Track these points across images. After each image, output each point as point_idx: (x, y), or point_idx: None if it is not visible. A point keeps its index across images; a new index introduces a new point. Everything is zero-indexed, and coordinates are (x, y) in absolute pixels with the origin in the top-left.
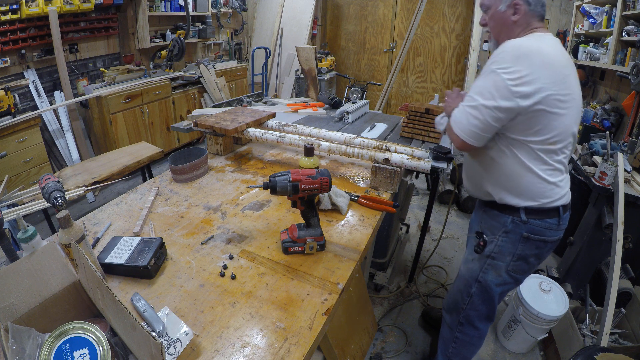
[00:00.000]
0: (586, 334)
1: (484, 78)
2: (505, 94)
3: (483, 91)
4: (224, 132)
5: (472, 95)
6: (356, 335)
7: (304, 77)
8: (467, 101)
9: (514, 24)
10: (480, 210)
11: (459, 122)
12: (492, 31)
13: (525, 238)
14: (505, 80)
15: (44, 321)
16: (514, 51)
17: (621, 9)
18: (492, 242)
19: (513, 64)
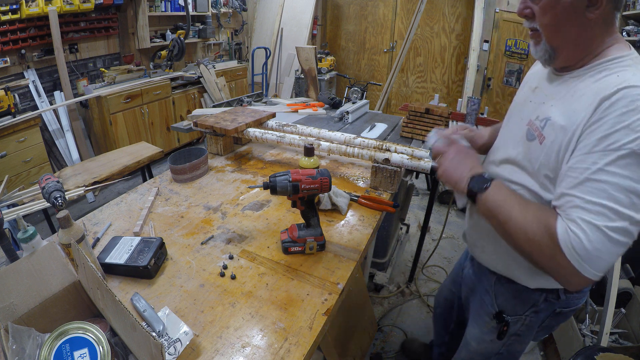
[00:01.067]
0: (586, 334)
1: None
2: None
3: (634, 196)
4: (224, 132)
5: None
6: (356, 335)
7: (304, 77)
8: (607, 219)
9: (589, 23)
10: (489, 278)
11: (598, 259)
12: (545, 30)
13: (557, 313)
14: None
15: (44, 321)
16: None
17: (621, 9)
18: (517, 321)
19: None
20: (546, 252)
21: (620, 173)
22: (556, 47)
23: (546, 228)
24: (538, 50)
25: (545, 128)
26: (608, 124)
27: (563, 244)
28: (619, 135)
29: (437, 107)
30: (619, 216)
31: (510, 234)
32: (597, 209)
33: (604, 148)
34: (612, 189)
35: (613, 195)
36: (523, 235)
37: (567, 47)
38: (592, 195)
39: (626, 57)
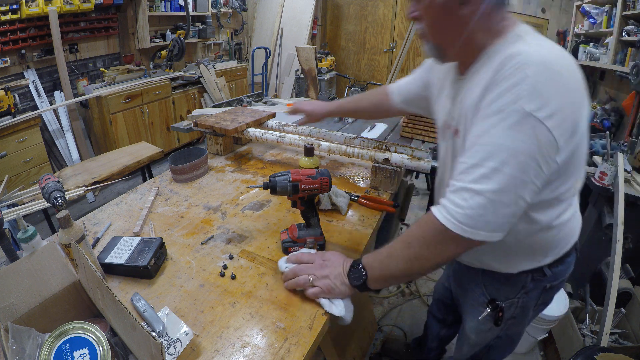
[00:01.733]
0: (586, 334)
1: (503, 128)
2: (551, 153)
3: (516, 157)
4: (224, 132)
5: (493, 169)
6: (356, 335)
7: (304, 77)
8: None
9: (460, 18)
10: (478, 271)
11: (486, 223)
12: (429, 30)
13: (548, 288)
14: (548, 132)
15: (44, 321)
16: (546, 73)
17: (621, 9)
18: (510, 305)
19: (552, 97)
20: (441, 243)
21: (499, 134)
22: (440, 45)
23: (428, 229)
24: (428, 50)
25: (457, 123)
26: (494, 92)
27: (446, 222)
28: (503, 99)
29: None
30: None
31: (410, 270)
32: (468, 169)
33: (488, 113)
34: (490, 149)
35: (488, 156)
36: (420, 258)
37: (451, 44)
38: (470, 157)
39: (511, 35)
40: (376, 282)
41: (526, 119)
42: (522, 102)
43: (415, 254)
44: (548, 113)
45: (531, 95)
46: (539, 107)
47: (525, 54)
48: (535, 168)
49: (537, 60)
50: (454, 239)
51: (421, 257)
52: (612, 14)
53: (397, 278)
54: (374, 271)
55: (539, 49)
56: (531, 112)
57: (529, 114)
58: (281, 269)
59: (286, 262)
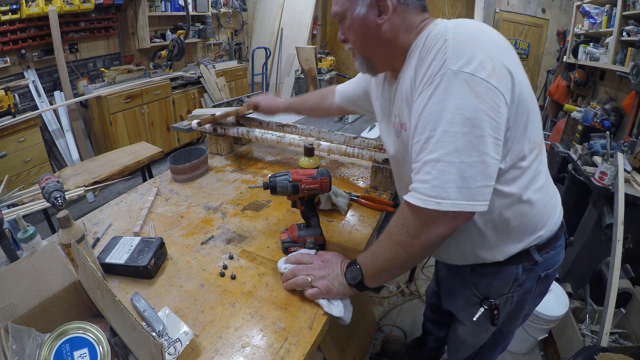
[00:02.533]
0: (586, 334)
1: (438, 94)
2: (495, 100)
3: (460, 113)
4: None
5: (443, 132)
6: (356, 335)
7: (304, 77)
8: (440, 147)
9: (380, 29)
10: (465, 270)
11: (459, 189)
12: (355, 47)
13: (543, 277)
14: (482, 81)
15: (44, 321)
16: (463, 32)
17: (621, 9)
18: (506, 302)
19: (474, 50)
20: (421, 225)
21: (432, 100)
22: (368, 57)
23: (404, 215)
24: (358, 65)
25: (402, 116)
26: (422, 68)
27: (418, 202)
28: (428, 72)
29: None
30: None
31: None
32: (421, 146)
33: (423, 88)
34: (434, 117)
35: (435, 123)
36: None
37: (377, 55)
38: (418, 135)
39: (426, 29)
40: (372, 278)
41: (457, 76)
42: (447, 64)
43: (398, 241)
44: (476, 65)
45: (454, 55)
46: (465, 63)
47: (440, 28)
48: (486, 120)
49: (452, 26)
50: (432, 217)
51: (404, 243)
52: (612, 14)
53: (390, 270)
54: (367, 268)
55: (453, 22)
56: (460, 70)
57: (457, 71)
58: (280, 269)
59: (285, 262)
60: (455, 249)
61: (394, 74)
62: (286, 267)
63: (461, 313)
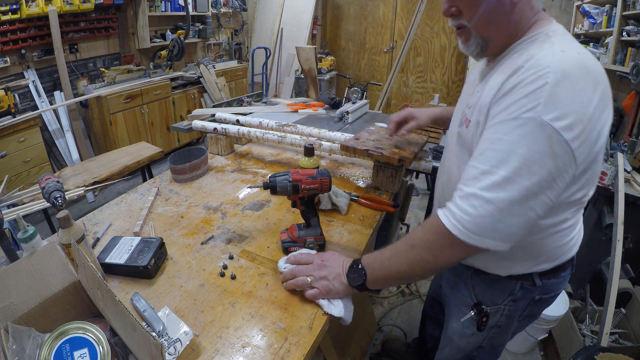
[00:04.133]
0: (586, 334)
1: (518, 136)
2: (567, 165)
3: (530, 167)
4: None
5: (505, 178)
6: (356, 335)
7: (304, 77)
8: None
9: (512, 9)
10: (466, 272)
11: (494, 231)
12: (475, 24)
13: (537, 300)
14: (565, 143)
15: (44, 321)
16: (565, 81)
17: (621, 9)
18: (496, 312)
19: (571, 106)
20: (445, 247)
21: (508, 139)
22: (487, 38)
23: (433, 232)
24: (469, 46)
25: (471, 113)
26: (511, 96)
27: (452, 229)
28: (519, 104)
29: (437, 107)
30: (503, 182)
31: (412, 273)
32: (479, 174)
33: (503, 118)
34: (502, 155)
35: (501, 162)
36: (421, 261)
37: (498, 35)
38: (481, 162)
39: (540, 33)
40: (375, 282)
41: (543, 128)
42: (539, 110)
43: (418, 256)
44: (566, 124)
45: (549, 104)
46: (557, 117)
47: (547, 59)
48: (549, 180)
49: (558, 67)
50: (459, 245)
51: (424, 260)
52: (612, 14)
53: (397, 280)
54: (373, 272)
55: (561, 55)
56: (549, 122)
57: (546, 123)
58: (280, 269)
59: (285, 262)
60: None
61: (489, 57)
62: (286, 267)
63: (453, 309)
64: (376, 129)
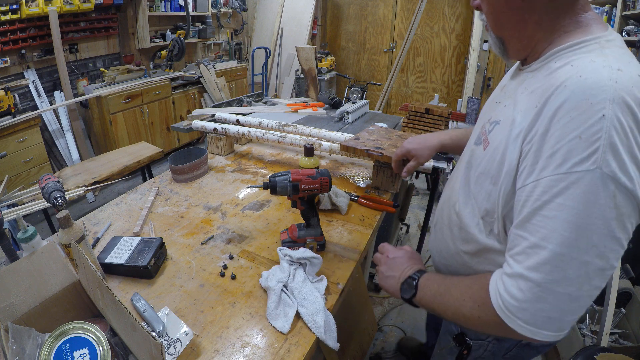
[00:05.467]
0: (586, 334)
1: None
2: (633, 217)
3: (590, 236)
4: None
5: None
6: (356, 335)
7: (304, 77)
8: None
9: (527, 8)
10: None
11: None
12: (488, 20)
13: (524, 345)
14: (629, 193)
15: (44, 321)
16: (628, 112)
17: (621, 9)
18: (479, 347)
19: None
20: (492, 325)
21: (561, 202)
22: (502, 37)
23: (481, 300)
24: (491, 43)
25: (491, 132)
26: (555, 136)
27: (500, 312)
28: (568, 150)
29: (437, 107)
30: (555, 260)
31: (456, 319)
32: (525, 249)
33: (552, 172)
34: (554, 225)
35: (552, 234)
36: (464, 318)
37: (512, 36)
38: (527, 232)
39: (591, 41)
40: (421, 304)
41: (606, 185)
42: (599, 160)
43: (461, 309)
44: (629, 169)
45: (610, 149)
46: (621, 166)
47: (596, 80)
48: (614, 247)
49: (615, 94)
50: (499, 324)
51: (469, 318)
52: (612, 14)
53: (439, 313)
54: (423, 297)
55: (613, 72)
56: (612, 175)
57: (609, 177)
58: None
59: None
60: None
61: (523, 64)
62: (285, 254)
63: (441, 334)
64: (376, 129)
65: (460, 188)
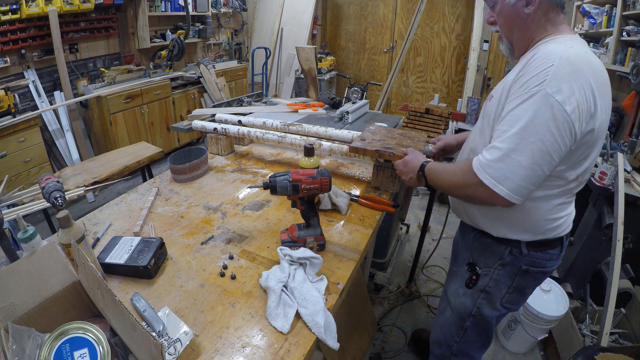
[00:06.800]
0: (586, 334)
1: (528, 104)
2: (566, 132)
3: (536, 127)
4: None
5: (515, 133)
6: (356, 335)
7: (304, 77)
8: (508, 142)
9: (527, 18)
10: (469, 235)
11: (505, 178)
12: (502, 30)
13: (524, 271)
14: (564, 112)
15: (44, 321)
16: (568, 65)
17: (621, 9)
18: (486, 275)
19: (570, 85)
20: (471, 184)
21: (528, 108)
22: (512, 41)
23: (466, 169)
24: (503, 48)
25: (494, 90)
26: (525, 77)
27: (475, 169)
28: (525, 85)
29: (437, 107)
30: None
31: (449, 189)
32: (499, 134)
33: (519, 93)
34: (522, 120)
35: (518, 124)
36: (454, 185)
37: (519, 39)
38: (501, 125)
39: (556, 38)
40: (430, 182)
41: (546, 98)
42: (544, 85)
43: (452, 181)
44: (565, 97)
45: (553, 81)
46: (558, 91)
47: (554, 50)
48: (552, 141)
49: (563, 55)
50: (480, 185)
51: (455, 185)
52: (612, 14)
53: (441, 189)
54: (429, 176)
55: (568, 48)
56: (551, 94)
57: (549, 94)
58: (280, 255)
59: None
60: (464, 208)
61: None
62: (285, 254)
63: (456, 272)
64: (376, 128)
65: (477, 136)
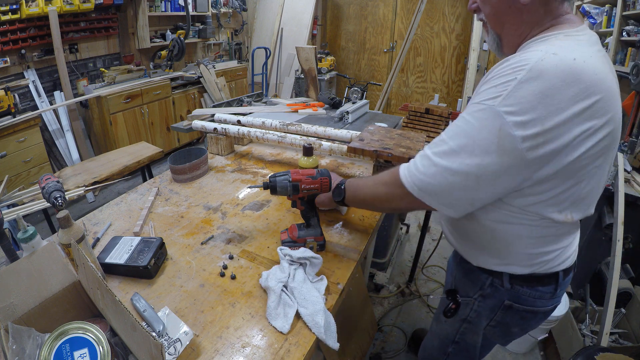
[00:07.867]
0: (586, 334)
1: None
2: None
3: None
4: None
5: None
6: (356, 335)
7: (304, 77)
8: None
9: (523, 8)
10: (457, 257)
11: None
12: (489, 20)
13: (508, 307)
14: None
15: (44, 321)
16: (531, 86)
17: (621, 9)
18: (467, 304)
19: (532, 107)
20: (398, 195)
21: (468, 119)
22: (500, 34)
23: (391, 178)
24: (488, 40)
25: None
26: (486, 84)
27: (403, 178)
28: (484, 93)
29: (437, 107)
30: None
31: (374, 203)
32: (436, 140)
33: (474, 102)
34: (453, 128)
35: (449, 132)
36: (379, 200)
37: (509, 33)
38: (444, 132)
39: (550, 36)
40: (348, 201)
41: (495, 118)
42: (498, 101)
43: (376, 192)
44: (521, 120)
45: (509, 98)
46: (512, 112)
47: (532, 56)
48: (492, 170)
49: (536, 66)
50: (407, 195)
51: (381, 198)
52: (612, 14)
53: (365, 205)
54: (349, 193)
55: (550, 56)
56: (503, 113)
57: (500, 113)
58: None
59: None
60: (449, 231)
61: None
62: (285, 254)
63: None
64: (375, 128)
65: None
